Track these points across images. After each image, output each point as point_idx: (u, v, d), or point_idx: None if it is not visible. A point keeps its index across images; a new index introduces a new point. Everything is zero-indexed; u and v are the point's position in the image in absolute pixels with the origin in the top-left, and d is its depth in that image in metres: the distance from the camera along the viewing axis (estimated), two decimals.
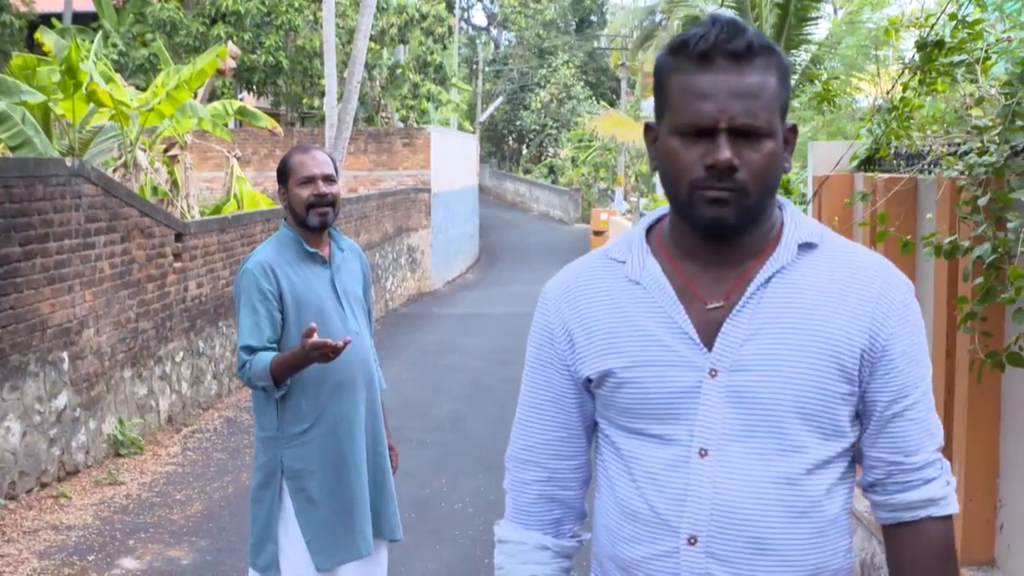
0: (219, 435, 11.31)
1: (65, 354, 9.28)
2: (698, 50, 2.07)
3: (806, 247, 2.21)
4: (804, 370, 2.13)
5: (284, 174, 4.83)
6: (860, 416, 2.23)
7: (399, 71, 34.32)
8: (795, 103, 17.71)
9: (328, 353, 4.44)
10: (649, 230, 2.34)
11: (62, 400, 9.21)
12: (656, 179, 33.01)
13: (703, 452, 2.16)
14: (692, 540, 2.16)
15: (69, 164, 9.41)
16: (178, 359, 11.89)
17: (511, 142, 65.57)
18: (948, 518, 2.25)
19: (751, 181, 2.08)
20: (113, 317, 10.23)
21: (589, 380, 2.30)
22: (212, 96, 26.37)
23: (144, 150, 14.69)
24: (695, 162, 2.08)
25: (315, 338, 4.41)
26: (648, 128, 2.25)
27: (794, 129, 2.21)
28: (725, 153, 2.05)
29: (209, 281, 12.84)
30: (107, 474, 9.45)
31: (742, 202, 2.09)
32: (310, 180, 4.76)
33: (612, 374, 2.25)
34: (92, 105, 13.23)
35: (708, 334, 2.17)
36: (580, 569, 6.21)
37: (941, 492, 2.24)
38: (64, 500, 8.71)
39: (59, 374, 9.18)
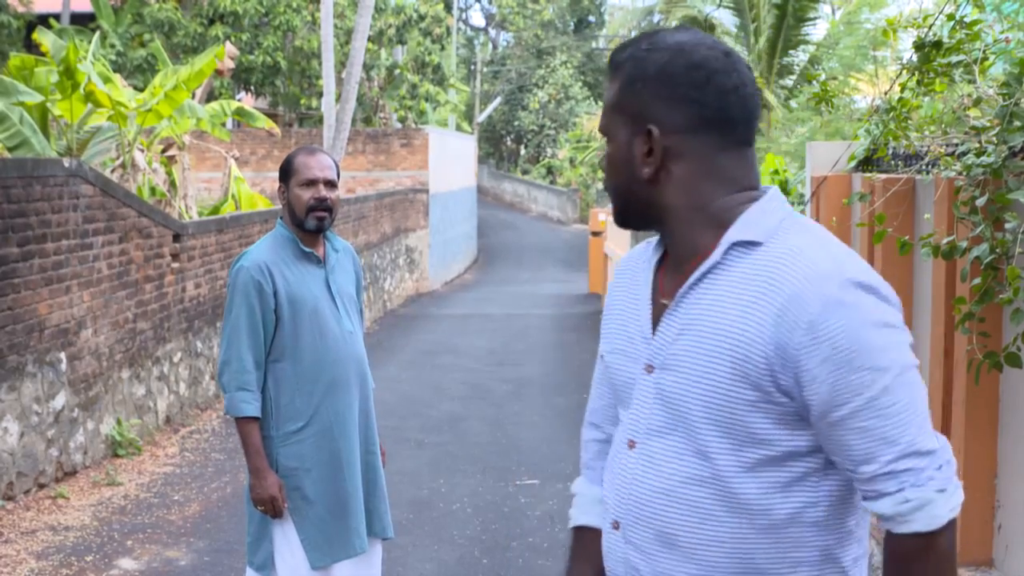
0: (217, 436, 11.30)
1: (63, 355, 9.28)
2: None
3: (747, 245, 2.15)
4: (709, 374, 2.11)
5: (287, 173, 4.85)
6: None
7: (397, 72, 34.31)
8: (793, 103, 17.73)
9: (268, 510, 4.72)
10: None
11: (60, 401, 9.21)
12: None
13: (632, 444, 2.24)
14: (616, 525, 2.27)
15: (67, 164, 9.40)
16: (176, 360, 11.89)
17: (509, 142, 65.53)
18: (915, 536, 2.07)
19: (608, 184, 2.29)
20: (111, 318, 10.22)
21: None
22: (210, 96, 26.36)
23: (142, 150, 14.68)
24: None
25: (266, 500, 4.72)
26: None
27: (648, 133, 2.19)
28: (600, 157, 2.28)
29: (207, 282, 12.84)
30: (105, 475, 9.44)
31: (615, 208, 2.30)
32: (312, 183, 4.78)
33: (602, 357, 2.42)
34: (90, 105, 13.24)
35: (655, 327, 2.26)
36: None
37: (893, 510, 2.06)
38: (62, 501, 8.71)
39: (57, 375, 9.17)
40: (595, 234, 26.86)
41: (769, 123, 17.77)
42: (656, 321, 2.23)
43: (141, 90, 18.69)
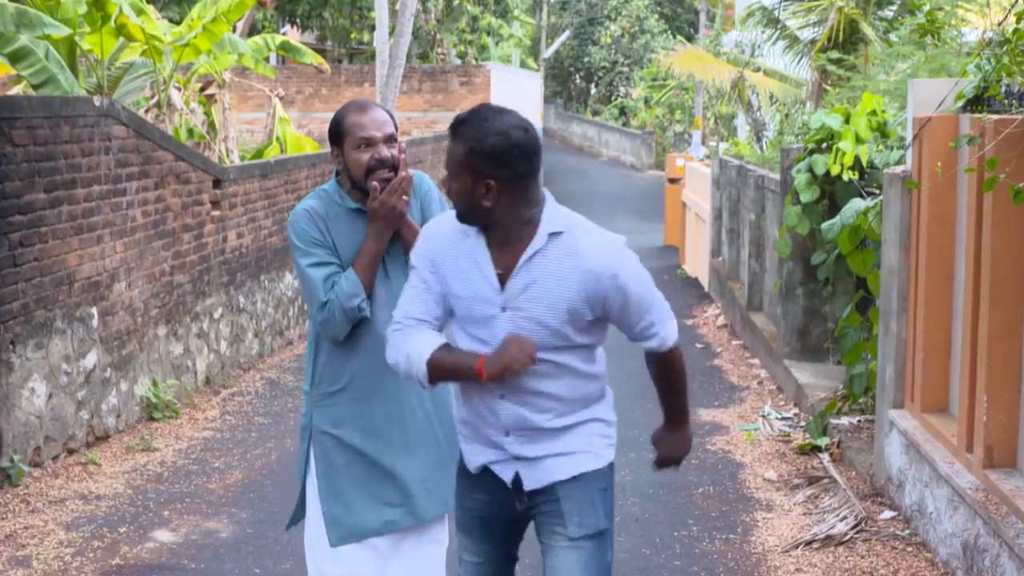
0: (260, 398, 11.38)
1: (94, 309, 9.36)
2: None
3: (554, 234, 4.02)
4: (546, 313, 4.01)
5: (339, 136, 4.74)
6: (607, 320, 4.12)
7: (456, 3, 34.26)
8: (893, 37, 17.49)
9: (395, 199, 4.69)
10: None
11: (91, 359, 9.30)
12: (736, 122, 32.76)
13: None
14: (503, 396, 4.10)
15: (98, 103, 9.45)
16: (216, 316, 11.97)
17: (578, 81, 65.31)
18: (671, 349, 4.22)
19: (454, 203, 4.07)
20: (146, 270, 10.30)
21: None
22: (252, 30, 26.44)
23: (179, 89, 14.74)
24: None
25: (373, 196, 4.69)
26: None
27: (487, 187, 3.96)
28: (444, 184, 4.13)
29: (250, 231, 12.90)
30: (140, 439, 9.53)
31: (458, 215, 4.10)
32: (370, 143, 4.69)
33: (438, 290, 4.18)
34: (122, 39, 13.27)
35: (503, 286, 4.04)
36: None
37: (660, 341, 4.17)
38: (93, 467, 8.80)
39: (88, 331, 9.26)
40: (672, 181, 26.72)
41: (866, 59, 17.53)
42: (501, 281, 4.04)
43: (177, 23, 18.75)
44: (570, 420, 4.16)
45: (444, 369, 4.12)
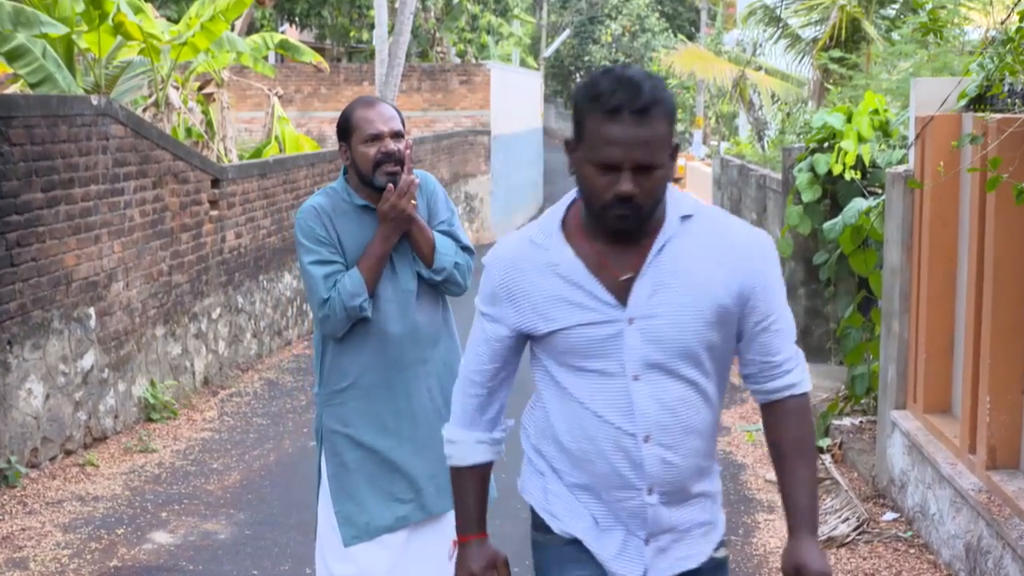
0: (259, 399, 11.38)
1: (92, 310, 9.35)
2: (609, 106, 3.01)
3: (685, 218, 3.20)
4: (688, 315, 3.16)
5: (346, 131, 4.78)
6: (738, 334, 3.28)
7: (456, 1, 34.23)
8: (895, 35, 17.49)
9: (401, 205, 4.70)
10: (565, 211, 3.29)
11: (88, 360, 9.29)
12: (738, 121, 32.77)
13: (636, 377, 3.18)
14: (647, 438, 3.19)
15: (95, 102, 9.44)
16: (215, 316, 11.97)
17: (579, 80, 65.26)
18: (804, 394, 3.32)
19: (645, 201, 3.07)
20: (144, 270, 10.29)
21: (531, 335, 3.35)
22: (251, 29, 26.42)
23: (177, 88, 14.73)
24: (606, 189, 3.05)
25: (385, 198, 4.70)
26: (567, 143, 3.19)
27: (676, 147, 3.13)
28: (627, 187, 3.03)
29: (249, 231, 12.90)
30: (138, 440, 9.53)
31: (639, 216, 3.09)
32: (377, 138, 4.73)
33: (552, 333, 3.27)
34: (119, 38, 13.25)
35: (622, 295, 3.16)
36: None
37: (796, 379, 3.30)
38: (91, 469, 8.80)
39: (85, 331, 9.25)
40: (673, 180, 26.73)
41: (868, 57, 17.54)
42: (617, 288, 3.16)
43: (175, 21, 18.74)
44: (706, 466, 3.30)
45: (454, 488, 3.51)
